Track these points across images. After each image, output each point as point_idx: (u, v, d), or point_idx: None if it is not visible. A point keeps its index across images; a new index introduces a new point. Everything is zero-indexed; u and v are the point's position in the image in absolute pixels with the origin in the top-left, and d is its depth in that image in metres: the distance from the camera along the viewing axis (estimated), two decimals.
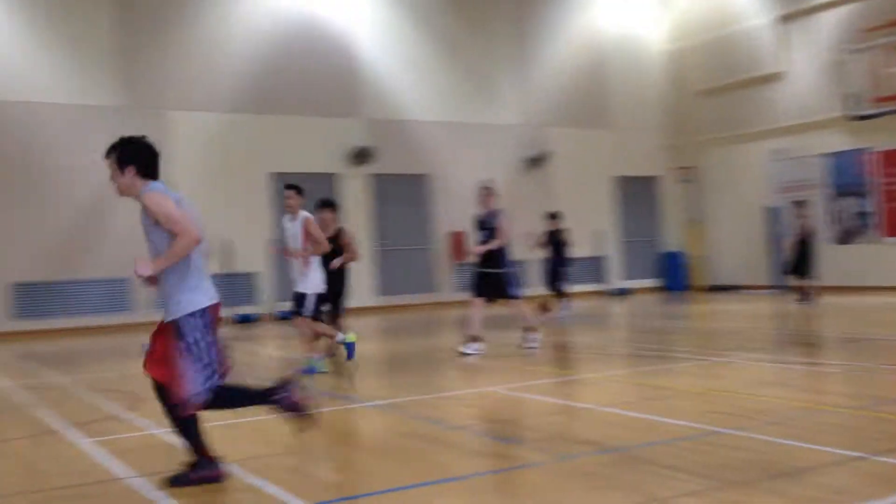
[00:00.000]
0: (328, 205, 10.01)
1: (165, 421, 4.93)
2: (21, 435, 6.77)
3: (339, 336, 9.54)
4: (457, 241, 21.80)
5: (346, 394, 8.16)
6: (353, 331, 10.11)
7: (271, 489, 4.68)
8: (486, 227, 10.57)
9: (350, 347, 9.57)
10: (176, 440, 5.62)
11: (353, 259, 9.96)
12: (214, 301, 4.76)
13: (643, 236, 24.87)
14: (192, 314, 4.63)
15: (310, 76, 20.52)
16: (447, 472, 4.97)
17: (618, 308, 19.09)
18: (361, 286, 20.66)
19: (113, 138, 5.19)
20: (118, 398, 8.28)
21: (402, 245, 21.68)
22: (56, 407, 7.90)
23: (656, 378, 8.29)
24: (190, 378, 4.63)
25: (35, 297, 17.52)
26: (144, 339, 5.24)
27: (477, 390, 8.14)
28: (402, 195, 21.73)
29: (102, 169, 17.22)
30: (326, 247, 9.31)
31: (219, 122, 19.49)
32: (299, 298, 9.24)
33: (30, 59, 17.67)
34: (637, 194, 24.78)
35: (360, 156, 20.92)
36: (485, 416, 6.92)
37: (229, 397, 4.89)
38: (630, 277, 24.34)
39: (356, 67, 21.18)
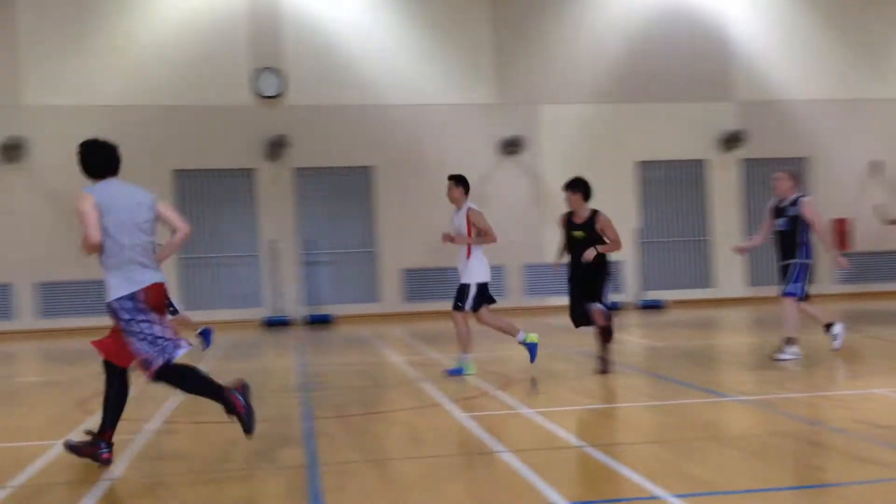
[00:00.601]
0: (574, 186, 8.93)
1: (532, 401, 5.17)
2: (409, 406, 7.51)
3: (520, 335, 9.10)
4: (840, 228, 19.99)
5: (710, 387, 7.90)
6: (630, 327, 9.72)
7: (633, 476, 4.69)
8: (784, 215, 9.47)
9: (532, 349, 9.14)
10: (545, 420, 5.84)
11: (614, 249, 8.85)
12: (143, 285, 5.32)
13: None
14: (119, 298, 5.29)
15: (676, 61, 20.08)
16: (824, 478, 4.60)
17: None
18: (733, 276, 19.83)
19: (488, 133, 5.49)
20: (491, 378, 8.82)
21: None
22: (438, 382, 8.63)
23: None
24: (136, 349, 5.33)
25: (422, 282, 19.28)
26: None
27: (858, 392, 7.42)
28: None
29: (478, 163, 18.22)
30: (493, 237, 9.07)
31: (584, 113, 19.85)
32: (461, 290, 9.00)
33: (418, 65, 19.39)
34: None
35: (732, 140, 20.03)
36: (870, 419, 6.28)
37: (185, 378, 5.49)
38: None
39: (727, 48, 20.31)
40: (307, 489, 4.77)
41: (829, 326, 9.60)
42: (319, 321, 18.10)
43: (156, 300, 5.45)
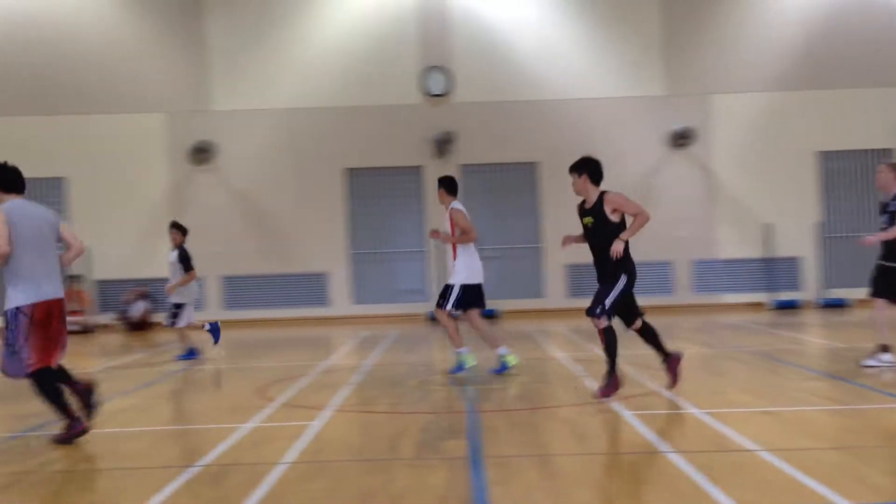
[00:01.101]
0: (576, 167, 7.95)
1: (698, 400, 5.01)
2: (572, 402, 7.47)
3: (502, 350, 9.02)
4: None
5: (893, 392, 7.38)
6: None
7: (813, 484, 4.46)
8: (888, 210, 8.51)
9: (503, 367, 8.99)
10: (713, 420, 5.67)
11: (640, 223, 7.69)
12: (40, 300, 5.79)
13: None
14: (16, 307, 5.76)
15: (862, 45, 18.80)
16: None
17: None
18: None
19: (657, 126, 5.38)
20: (658, 376, 8.63)
21: None
22: (599, 379, 8.52)
23: None
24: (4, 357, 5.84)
25: (586, 278, 19.04)
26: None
27: None
28: None
29: (647, 156, 17.77)
30: (473, 237, 8.83)
31: (758, 103, 18.98)
32: (444, 289, 9.05)
33: (586, 60, 19.17)
34: None
35: None
36: None
37: (47, 392, 5.93)
38: None
39: None
40: (471, 481, 4.85)
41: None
42: (487, 316, 18.27)
43: (52, 314, 5.94)
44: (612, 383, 7.34)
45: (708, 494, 4.36)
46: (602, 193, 7.65)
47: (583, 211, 7.76)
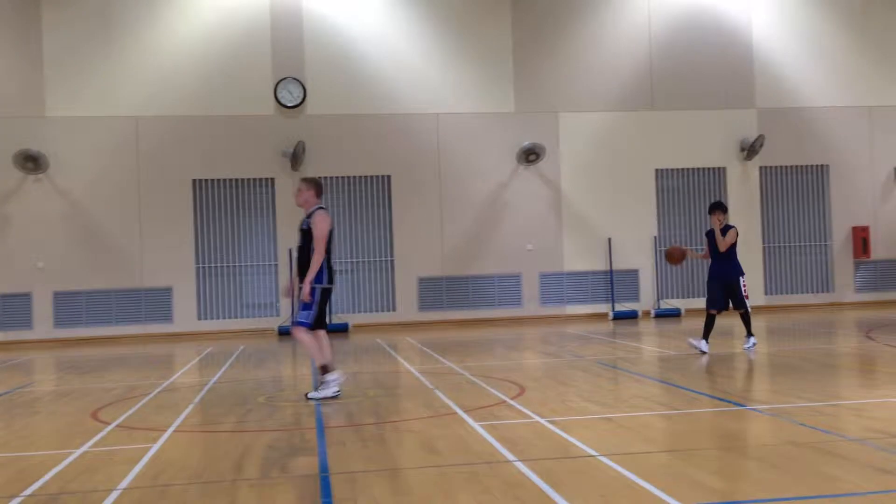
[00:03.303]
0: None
1: (543, 409, 5.13)
2: (421, 415, 7.48)
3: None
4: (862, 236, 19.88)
5: (729, 397, 7.82)
6: None
7: (649, 487, 4.64)
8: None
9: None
10: (557, 429, 5.79)
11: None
12: None
13: None
14: None
15: (701, 68, 19.97)
16: (839, 488, 4.54)
17: None
18: None
19: (507, 141, 5.47)
20: (504, 386, 8.79)
21: None
22: (451, 391, 8.60)
23: None
24: None
25: (438, 291, 19.26)
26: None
27: (874, 401, 7.32)
28: None
29: (497, 171, 18.27)
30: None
31: (604, 121, 19.79)
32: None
33: (439, 75, 19.38)
34: None
35: (751, 148, 19.92)
36: (888, 429, 6.19)
37: None
38: None
39: (750, 54, 20.21)
40: (319, 499, 4.75)
41: None
42: (335, 330, 18.14)
43: None
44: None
45: (552, 500, 4.46)
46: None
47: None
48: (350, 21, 19.07)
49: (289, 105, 18.66)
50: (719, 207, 11.24)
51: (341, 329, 18.12)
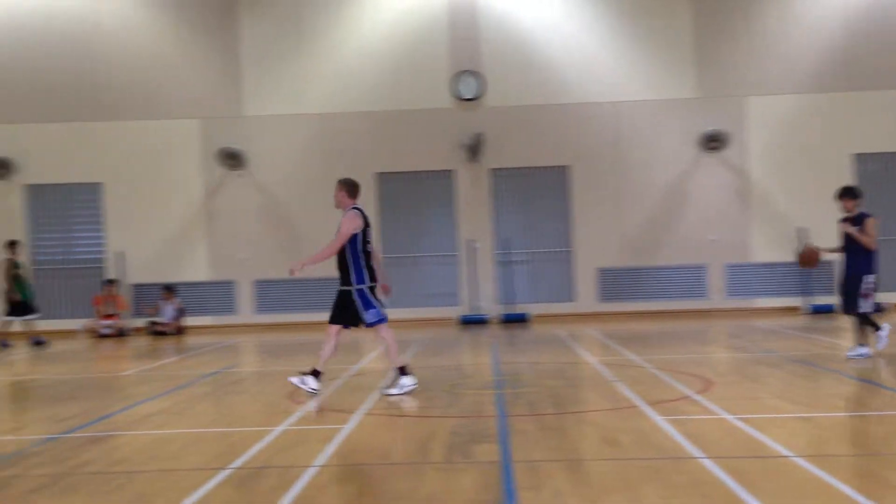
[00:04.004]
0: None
1: (731, 405, 4.97)
2: (604, 407, 7.43)
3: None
4: None
5: None
6: None
7: (846, 490, 4.40)
8: None
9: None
10: (749, 427, 5.60)
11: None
12: None
13: None
14: None
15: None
16: None
17: None
18: None
19: (688, 128, 5.32)
20: (689, 381, 8.55)
21: None
22: (633, 384, 8.47)
23: None
24: None
25: (619, 282, 18.99)
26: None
27: None
28: None
29: (678, 159, 17.74)
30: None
31: (796, 104, 18.73)
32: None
33: (616, 62, 19.07)
34: None
35: None
36: None
37: None
38: None
39: None
40: (501, 486, 4.84)
41: None
42: (515, 320, 18.26)
43: None
44: None
45: (742, 501, 4.32)
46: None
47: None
48: (526, 11, 19.08)
49: (466, 98, 18.94)
50: (848, 193, 9.81)
51: (520, 319, 18.23)
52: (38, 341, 15.44)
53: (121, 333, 17.78)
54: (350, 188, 8.55)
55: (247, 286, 19.02)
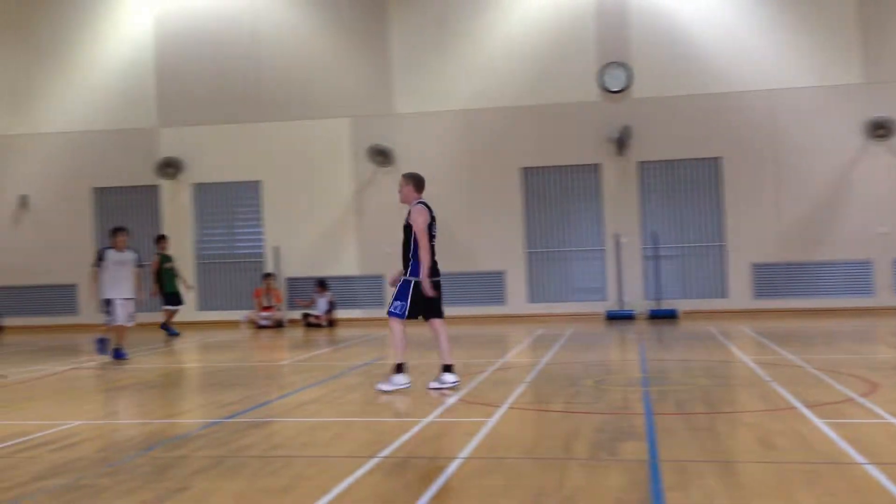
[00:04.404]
0: None
1: None
2: (758, 408, 7.14)
3: None
4: None
5: None
6: None
7: None
8: None
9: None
10: None
11: None
12: None
13: None
14: None
15: None
16: None
17: None
18: None
19: (853, 115, 5.03)
20: (852, 383, 8.10)
21: None
22: (790, 384, 8.10)
23: None
24: None
25: (775, 278, 18.18)
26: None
27: None
28: None
29: (841, 148, 17.00)
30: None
31: None
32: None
33: (773, 48, 18.24)
34: None
35: None
36: None
37: None
38: None
39: None
40: (648, 485, 4.75)
41: None
42: (663, 316, 17.83)
43: None
44: None
45: None
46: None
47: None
48: (675, 1, 18.55)
49: (613, 90, 18.62)
50: None
51: (669, 315, 17.79)
52: (170, 331, 16.57)
53: (278, 325, 18.61)
54: (416, 182, 8.65)
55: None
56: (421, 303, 8.40)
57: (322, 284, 18.82)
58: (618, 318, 17.98)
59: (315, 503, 4.54)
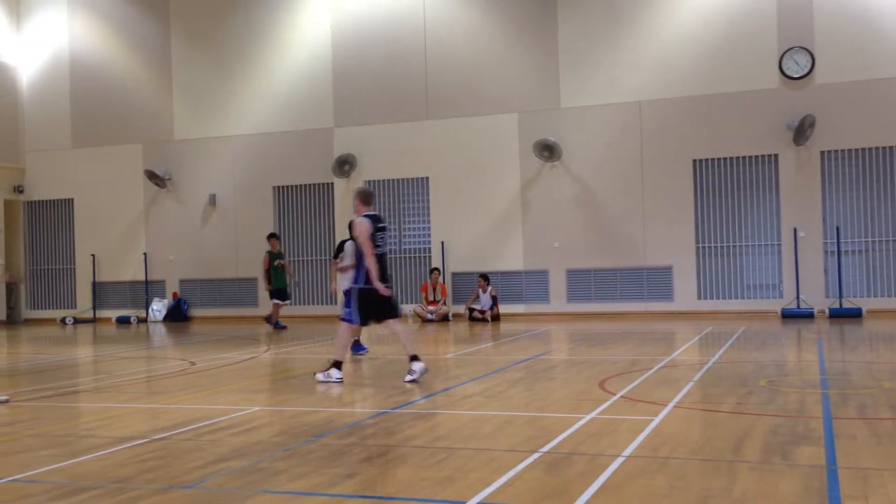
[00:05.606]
0: None
1: None
2: None
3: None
4: None
5: None
6: None
7: None
8: None
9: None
10: None
11: None
12: None
13: None
14: None
15: None
16: None
17: None
18: None
19: None
20: None
21: None
22: None
23: None
24: None
25: None
26: None
27: None
28: None
29: None
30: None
31: None
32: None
33: None
34: None
35: None
36: None
37: None
38: None
39: None
40: (825, 492, 4.51)
41: None
42: (846, 315, 16.78)
43: None
44: None
45: None
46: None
47: None
48: None
49: (795, 76, 17.68)
50: None
51: (855, 314, 16.74)
52: (277, 325, 17.54)
53: (444, 318, 18.96)
54: (364, 197, 9.28)
55: (559, 275, 19.36)
56: (372, 307, 9.10)
57: (485, 279, 19.01)
58: (794, 316, 17.10)
59: (477, 495, 4.61)
